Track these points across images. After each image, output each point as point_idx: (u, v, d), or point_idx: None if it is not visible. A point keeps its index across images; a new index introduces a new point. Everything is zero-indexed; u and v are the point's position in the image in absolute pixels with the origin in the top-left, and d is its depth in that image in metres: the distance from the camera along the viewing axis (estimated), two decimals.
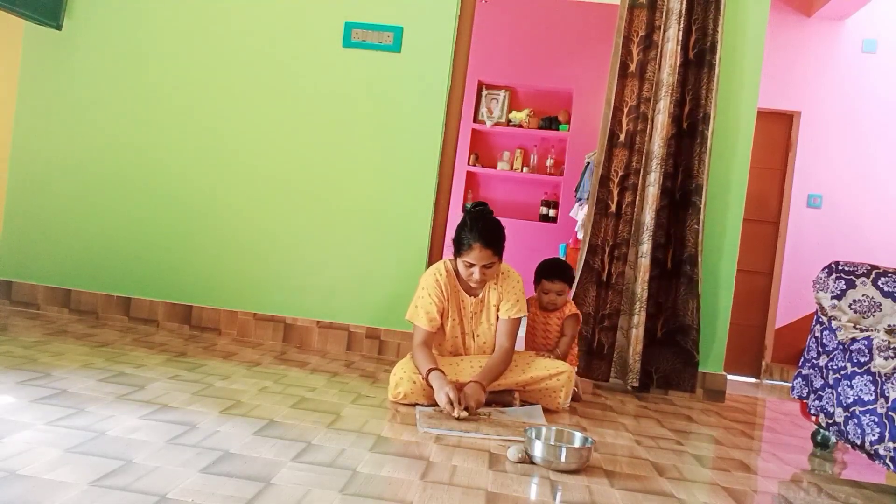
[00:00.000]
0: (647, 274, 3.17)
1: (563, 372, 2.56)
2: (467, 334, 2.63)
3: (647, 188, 3.23)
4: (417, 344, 2.50)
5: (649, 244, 3.18)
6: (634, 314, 3.19)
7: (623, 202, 3.29)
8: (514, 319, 2.57)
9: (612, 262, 3.30)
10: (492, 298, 2.60)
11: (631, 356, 3.17)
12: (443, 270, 2.57)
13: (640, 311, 3.17)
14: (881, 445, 2.01)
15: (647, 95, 3.27)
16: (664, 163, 3.20)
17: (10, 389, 2.01)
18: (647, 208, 3.21)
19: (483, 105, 6.27)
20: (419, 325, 2.52)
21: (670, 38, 3.21)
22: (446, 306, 2.57)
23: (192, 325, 3.41)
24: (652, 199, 3.19)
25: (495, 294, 2.59)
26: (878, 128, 5.00)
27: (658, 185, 3.19)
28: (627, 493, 1.76)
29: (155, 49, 3.49)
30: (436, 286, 2.54)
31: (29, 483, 1.38)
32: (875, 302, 2.32)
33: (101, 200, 3.48)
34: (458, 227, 2.52)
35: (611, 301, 3.28)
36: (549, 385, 2.55)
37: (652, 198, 3.20)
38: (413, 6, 3.38)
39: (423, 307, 2.53)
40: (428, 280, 2.56)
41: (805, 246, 5.00)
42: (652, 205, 3.19)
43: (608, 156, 3.32)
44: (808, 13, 5.04)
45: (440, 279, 2.55)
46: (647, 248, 3.18)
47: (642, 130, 3.27)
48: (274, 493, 1.47)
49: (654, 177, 3.20)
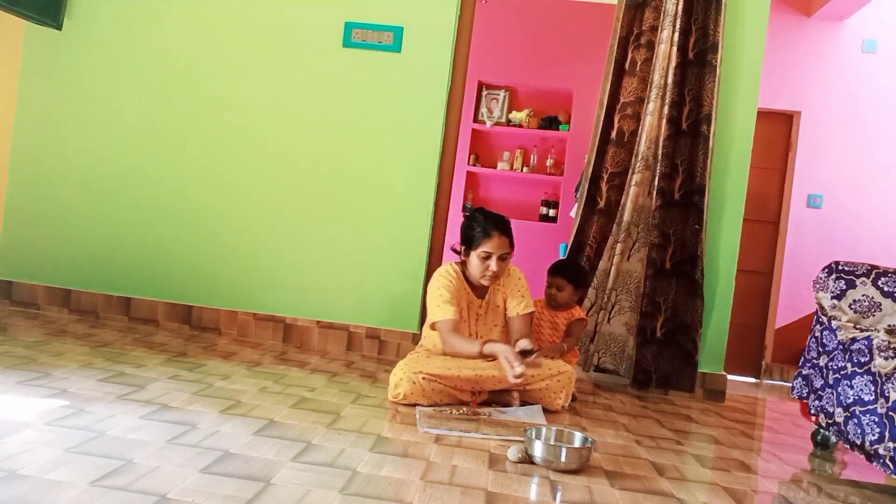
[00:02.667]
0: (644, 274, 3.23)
1: (564, 373, 2.57)
2: (472, 336, 2.65)
3: (631, 188, 3.29)
4: (448, 332, 2.51)
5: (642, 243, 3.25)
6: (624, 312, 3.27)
7: (611, 200, 3.35)
8: (524, 315, 2.62)
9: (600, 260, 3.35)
10: (497, 300, 2.65)
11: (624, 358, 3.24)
12: (451, 271, 2.63)
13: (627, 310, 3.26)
14: (881, 445, 2.01)
15: (641, 96, 3.31)
16: (660, 162, 3.22)
17: (10, 389, 2.01)
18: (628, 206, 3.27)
19: (483, 105, 6.27)
20: (448, 316, 2.52)
21: (664, 39, 3.24)
22: (460, 304, 2.60)
23: (192, 325, 3.41)
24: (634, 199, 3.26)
25: (500, 295, 2.64)
26: (879, 128, 4.99)
27: (645, 184, 3.25)
28: (627, 493, 1.76)
29: (155, 49, 3.49)
30: (448, 283, 2.59)
31: (29, 483, 1.38)
32: (875, 302, 2.32)
33: (101, 200, 3.48)
34: (466, 225, 2.58)
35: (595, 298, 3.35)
36: (550, 385, 2.56)
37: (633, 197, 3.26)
38: (413, 6, 3.38)
39: (445, 301, 2.55)
40: (439, 280, 2.60)
41: (805, 246, 5.00)
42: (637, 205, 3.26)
43: (600, 154, 3.36)
44: (808, 13, 5.03)
45: (451, 278, 2.60)
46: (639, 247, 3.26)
47: (635, 130, 3.31)
48: (274, 493, 1.47)
49: (638, 177, 3.25)
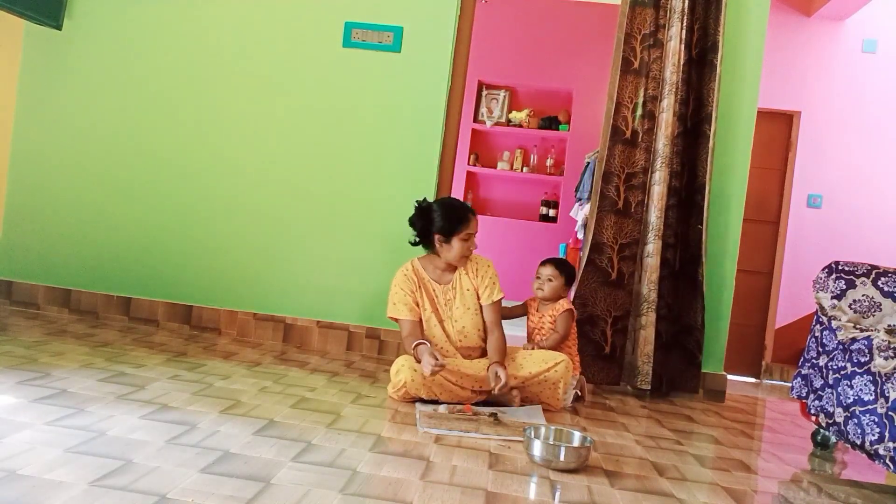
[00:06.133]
0: (654, 274, 3.12)
1: (560, 362, 2.59)
2: (445, 321, 2.69)
3: (652, 186, 3.19)
4: (406, 336, 2.62)
5: (656, 244, 3.13)
6: (641, 315, 3.15)
7: (630, 200, 3.26)
8: (495, 303, 2.69)
9: (621, 261, 3.25)
10: (464, 283, 2.71)
11: (639, 358, 3.13)
12: (409, 267, 2.75)
13: (647, 311, 3.13)
14: (881, 445, 2.01)
15: (652, 93, 3.26)
16: (670, 161, 3.17)
17: (10, 389, 2.01)
18: (652, 207, 3.18)
19: (483, 105, 6.27)
20: (401, 317, 2.65)
21: (673, 35, 3.20)
22: (417, 297, 2.68)
23: (192, 325, 3.41)
24: (658, 198, 3.17)
25: (467, 279, 2.71)
26: (879, 128, 4.99)
27: (665, 183, 3.16)
28: (627, 493, 1.76)
29: (155, 49, 3.49)
30: (404, 280, 2.70)
31: (29, 483, 1.38)
32: (875, 302, 2.32)
33: (101, 200, 3.48)
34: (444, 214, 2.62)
35: (622, 302, 3.24)
36: (549, 377, 2.59)
37: (658, 196, 3.17)
38: (413, 6, 3.38)
39: (400, 301, 2.67)
40: (396, 278, 2.72)
41: (805, 246, 4.99)
42: (658, 203, 3.16)
43: (611, 152, 3.29)
44: (808, 13, 5.03)
45: (407, 273, 2.72)
46: (653, 248, 3.14)
47: (649, 129, 3.24)
48: (274, 493, 1.47)
49: (659, 175, 3.17)
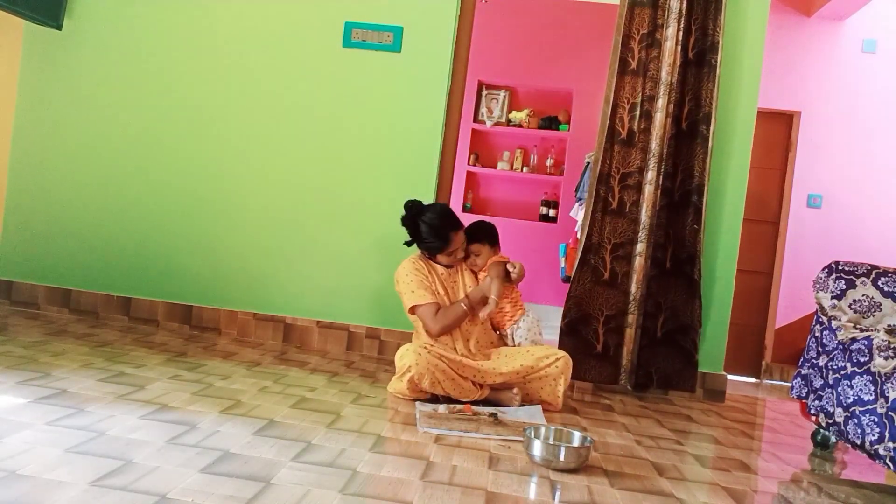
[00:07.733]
0: (642, 273, 3.16)
1: (560, 358, 2.63)
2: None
3: (645, 186, 3.22)
4: (432, 315, 2.65)
5: (645, 243, 3.17)
6: (629, 313, 3.18)
7: (625, 200, 3.28)
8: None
9: (614, 260, 3.27)
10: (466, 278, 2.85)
11: (625, 355, 3.16)
12: (414, 258, 2.82)
13: (633, 310, 3.16)
14: (881, 445, 2.01)
15: (649, 94, 3.26)
16: (664, 162, 3.19)
17: (10, 389, 2.01)
18: (644, 206, 3.20)
19: (483, 105, 6.27)
20: (425, 301, 2.67)
21: (670, 36, 3.20)
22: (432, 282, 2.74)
23: (192, 325, 3.41)
24: (649, 197, 3.19)
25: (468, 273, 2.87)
26: (879, 128, 4.99)
27: (655, 184, 3.18)
28: (627, 493, 1.76)
29: (155, 49, 3.49)
30: (415, 269, 2.75)
31: (29, 483, 1.38)
32: (875, 302, 2.32)
33: (101, 200, 3.48)
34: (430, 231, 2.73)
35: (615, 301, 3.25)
36: (549, 373, 2.61)
37: (649, 196, 3.19)
38: (413, 6, 3.38)
39: (419, 286, 2.70)
40: (405, 269, 2.76)
41: (805, 246, 4.99)
42: (649, 203, 3.19)
43: (607, 152, 3.30)
44: (808, 13, 5.03)
45: (415, 262, 2.78)
46: (643, 247, 3.17)
47: (646, 129, 3.25)
48: (274, 493, 1.47)
49: (651, 175, 3.19)
